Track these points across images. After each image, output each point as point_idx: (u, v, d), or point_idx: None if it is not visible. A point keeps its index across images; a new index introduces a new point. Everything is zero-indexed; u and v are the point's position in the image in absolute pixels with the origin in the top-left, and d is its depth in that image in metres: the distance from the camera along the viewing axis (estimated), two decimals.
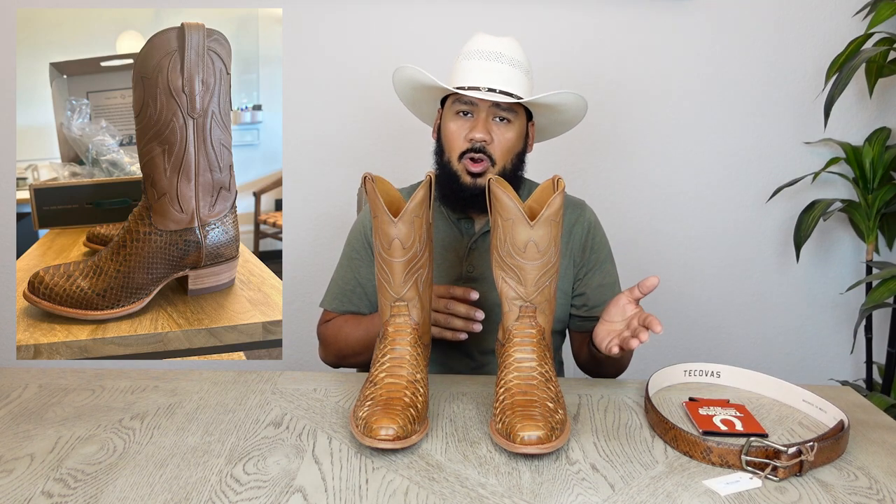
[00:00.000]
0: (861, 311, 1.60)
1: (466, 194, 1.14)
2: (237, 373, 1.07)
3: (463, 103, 1.13)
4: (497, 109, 1.12)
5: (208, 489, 0.74)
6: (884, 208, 1.77)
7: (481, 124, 1.11)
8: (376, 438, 0.79)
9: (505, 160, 1.14)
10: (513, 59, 1.13)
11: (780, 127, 1.89)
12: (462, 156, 1.13)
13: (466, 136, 1.12)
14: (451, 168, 1.14)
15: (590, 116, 1.88)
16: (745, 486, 0.76)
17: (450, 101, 1.16)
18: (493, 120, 1.12)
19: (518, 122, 1.14)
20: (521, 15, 1.83)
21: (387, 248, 0.88)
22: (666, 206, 1.93)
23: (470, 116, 1.13)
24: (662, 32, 1.84)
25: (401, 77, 1.19)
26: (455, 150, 1.14)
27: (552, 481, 0.77)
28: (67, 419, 0.91)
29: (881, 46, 1.63)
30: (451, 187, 1.14)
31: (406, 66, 1.15)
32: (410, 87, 1.20)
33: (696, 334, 2.00)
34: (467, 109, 1.13)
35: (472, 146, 1.12)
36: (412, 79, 1.17)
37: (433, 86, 1.14)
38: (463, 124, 1.13)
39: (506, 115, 1.12)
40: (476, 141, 1.11)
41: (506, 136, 1.13)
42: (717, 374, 1.07)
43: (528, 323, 0.89)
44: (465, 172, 1.13)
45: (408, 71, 1.15)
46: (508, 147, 1.13)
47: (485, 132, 1.11)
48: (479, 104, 1.12)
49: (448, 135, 1.15)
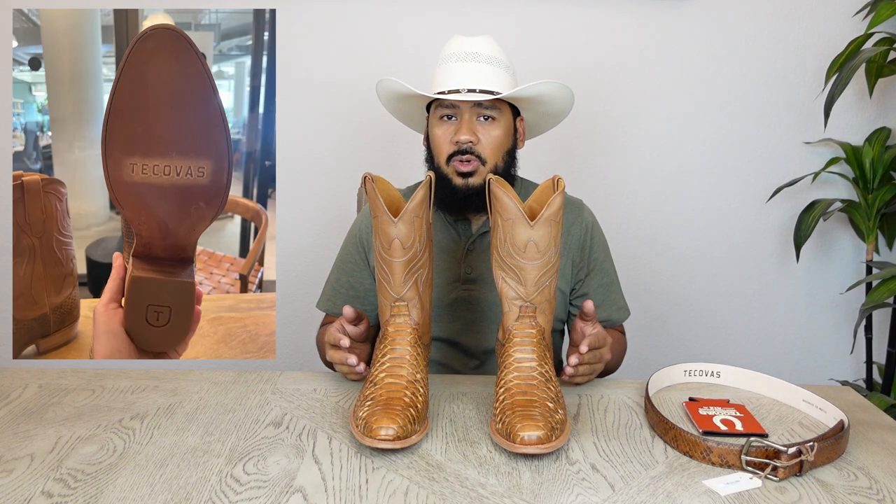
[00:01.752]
0: (861, 311, 1.60)
1: (460, 196, 1.14)
2: (237, 373, 1.07)
3: (445, 107, 1.13)
4: (480, 109, 1.12)
5: (208, 489, 0.74)
6: (884, 208, 1.77)
7: (465, 126, 1.11)
8: (376, 438, 0.79)
9: (496, 158, 1.14)
10: (490, 57, 1.13)
11: (780, 127, 1.89)
12: (450, 159, 1.13)
13: (452, 139, 1.12)
14: (441, 172, 1.14)
15: (589, 116, 1.88)
16: (745, 486, 0.76)
17: (433, 107, 1.17)
18: (478, 120, 1.12)
19: (503, 118, 1.14)
20: (518, 15, 1.83)
21: (387, 248, 0.88)
22: (666, 206, 1.93)
23: (454, 119, 1.13)
24: (662, 32, 1.84)
25: (383, 90, 1.19)
26: (442, 154, 1.14)
27: (552, 481, 0.77)
28: (67, 419, 0.91)
29: (881, 46, 1.63)
30: (445, 191, 1.14)
31: (385, 78, 1.15)
32: (394, 99, 1.21)
33: (696, 334, 2.00)
34: (450, 113, 1.13)
35: (458, 148, 1.12)
36: (392, 90, 1.17)
37: (413, 95, 1.14)
38: (448, 128, 1.13)
39: (489, 113, 1.12)
40: (462, 143, 1.11)
41: (492, 135, 1.13)
42: (717, 374, 1.07)
43: (528, 323, 0.89)
44: (455, 174, 1.13)
45: (386, 83, 1.16)
46: (497, 145, 1.13)
47: (469, 133, 1.11)
48: (461, 106, 1.12)
49: (434, 140, 1.15)
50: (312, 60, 1.86)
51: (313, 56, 1.85)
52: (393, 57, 1.84)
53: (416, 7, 1.83)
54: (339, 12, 1.83)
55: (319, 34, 1.84)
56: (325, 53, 1.85)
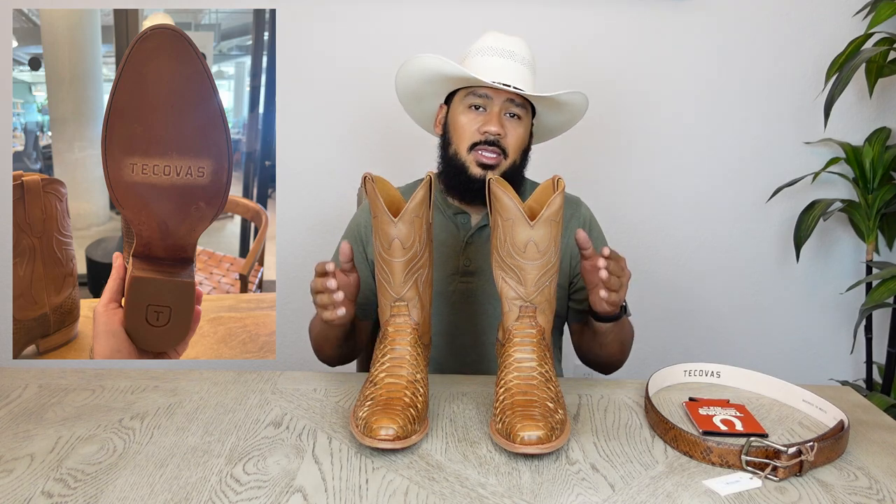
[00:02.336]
0: (861, 311, 1.60)
1: (475, 186, 1.13)
2: (237, 373, 1.07)
3: (477, 97, 1.13)
4: (510, 105, 1.13)
5: (208, 489, 0.74)
6: (884, 208, 1.77)
7: (495, 118, 1.12)
8: (376, 438, 0.79)
9: (516, 155, 1.15)
10: (524, 59, 1.15)
11: (780, 127, 1.89)
12: (473, 147, 1.13)
13: (479, 128, 1.13)
14: (458, 160, 1.14)
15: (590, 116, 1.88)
16: (745, 486, 0.76)
17: (461, 94, 1.16)
18: (505, 116, 1.14)
19: (526, 118, 1.16)
20: (521, 14, 1.83)
21: (387, 248, 0.88)
22: (666, 206, 1.93)
23: (482, 111, 1.14)
24: (662, 32, 1.84)
25: (415, 67, 1.16)
26: (465, 140, 1.14)
27: (552, 481, 0.77)
28: (67, 419, 0.91)
29: (881, 46, 1.63)
30: (459, 178, 1.15)
31: (423, 54, 1.14)
32: (420, 79, 1.18)
33: (696, 334, 2.00)
34: (480, 104, 1.14)
35: (485, 139, 1.12)
36: (428, 68, 1.15)
37: (454, 75, 1.13)
38: (475, 117, 1.14)
39: (517, 111, 1.14)
40: (490, 134, 1.12)
41: (517, 132, 1.14)
42: (717, 374, 1.07)
43: (528, 323, 0.89)
44: (474, 164, 1.13)
45: (425, 59, 1.14)
46: (520, 142, 1.15)
47: (499, 126, 1.12)
48: (494, 99, 1.12)
49: (458, 127, 1.15)
50: (312, 60, 1.86)
51: (313, 56, 1.85)
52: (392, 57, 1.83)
53: (417, 7, 1.83)
54: (339, 12, 1.83)
55: (319, 34, 1.84)
56: (326, 53, 1.85)
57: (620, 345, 1.16)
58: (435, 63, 1.13)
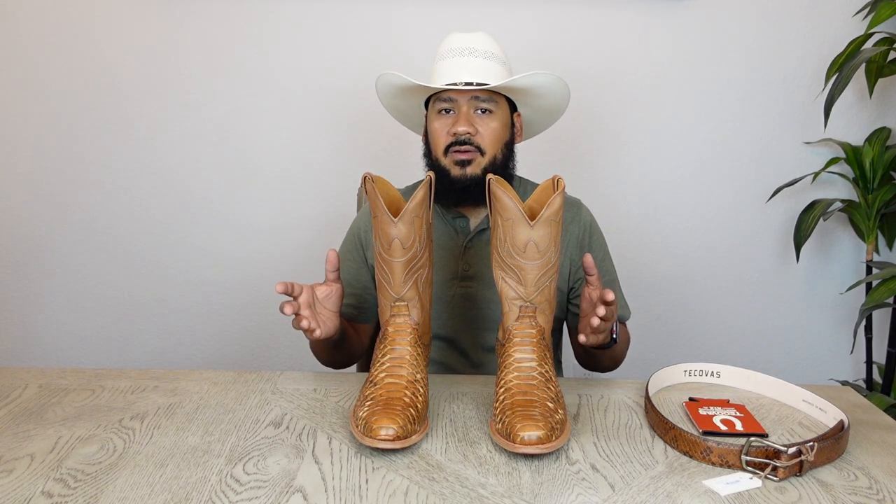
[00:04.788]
0: (861, 311, 1.60)
1: (458, 187, 1.14)
2: (237, 373, 1.07)
3: (443, 101, 1.14)
4: (477, 102, 1.13)
5: (208, 489, 0.74)
6: (884, 208, 1.77)
7: (463, 118, 1.12)
8: (376, 438, 0.79)
9: (495, 150, 1.15)
10: (486, 52, 1.15)
11: (780, 127, 1.89)
12: (447, 150, 1.14)
13: (449, 130, 1.13)
14: (439, 165, 1.15)
15: (589, 116, 1.88)
16: (745, 486, 0.76)
17: (431, 102, 1.18)
18: (476, 113, 1.14)
19: (500, 112, 1.16)
20: (517, 15, 1.83)
21: (387, 248, 0.88)
22: (666, 206, 1.93)
23: (452, 113, 1.15)
24: (662, 32, 1.84)
25: (382, 84, 1.20)
26: (440, 145, 1.15)
27: (552, 481, 0.77)
28: (67, 419, 0.91)
29: (881, 46, 1.63)
30: (443, 184, 1.15)
31: (385, 72, 1.17)
32: (392, 95, 1.22)
33: (696, 334, 2.00)
34: (448, 107, 1.14)
35: (456, 139, 1.13)
36: (391, 84, 1.18)
37: (411, 87, 1.15)
38: (445, 121, 1.15)
39: (486, 105, 1.14)
40: (460, 134, 1.12)
41: (490, 127, 1.14)
42: (717, 374, 1.07)
43: (528, 323, 0.89)
44: (452, 165, 1.14)
45: (386, 76, 1.17)
46: (495, 136, 1.15)
47: (467, 125, 1.12)
48: (459, 99, 1.13)
49: (433, 133, 1.16)
50: (312, 60, 1.86)
51: (313, 56, 1.85)
52: (391, 57, 1.84)
53: (417, 7, 1.83)
54: (338, 12, 1.83)
55: (318, 34, 1.84)
56: (325, 53, 1.85)
57: (612, 360, 1.18)
58: (393, 79, 1.16)
